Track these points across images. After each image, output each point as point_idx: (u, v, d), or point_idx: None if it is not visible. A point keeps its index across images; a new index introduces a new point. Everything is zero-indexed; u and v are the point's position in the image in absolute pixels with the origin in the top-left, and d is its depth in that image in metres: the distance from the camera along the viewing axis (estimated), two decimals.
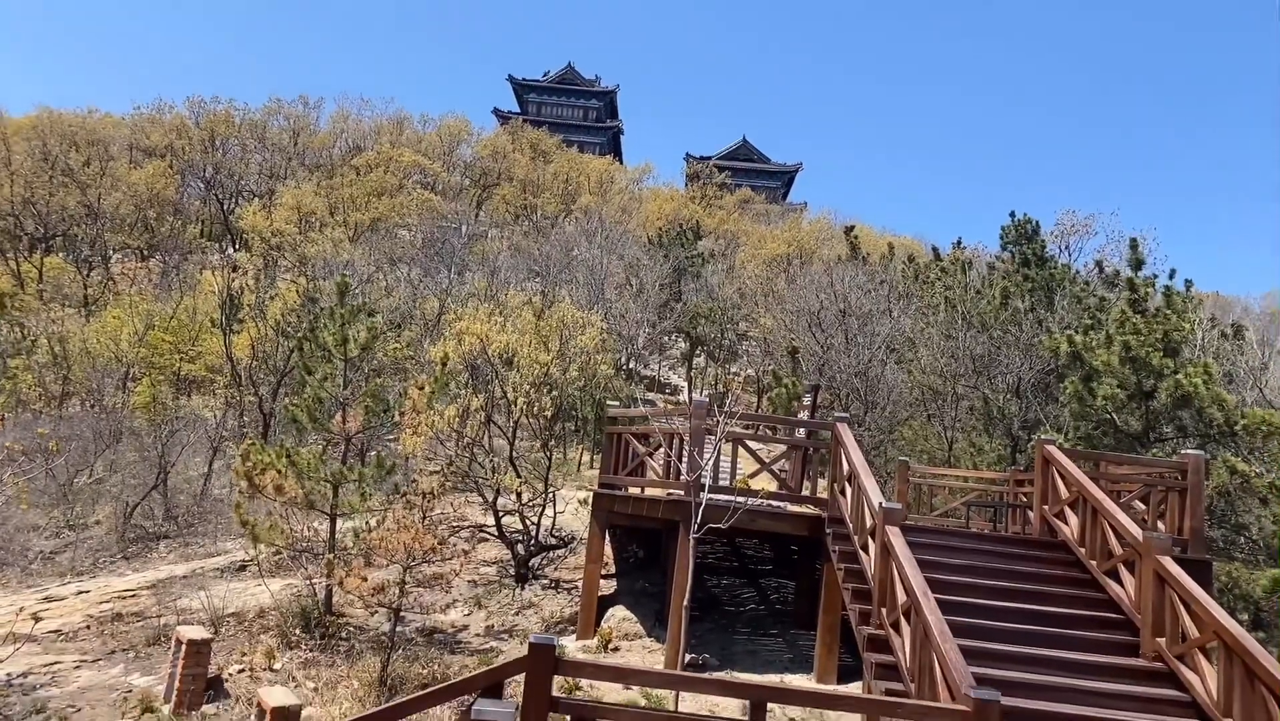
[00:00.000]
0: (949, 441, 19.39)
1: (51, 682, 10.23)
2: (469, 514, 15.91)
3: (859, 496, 9.89)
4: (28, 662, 10.56)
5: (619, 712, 6.47)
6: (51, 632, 11.61)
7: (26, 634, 10.53)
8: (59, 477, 17.76)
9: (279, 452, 11.45)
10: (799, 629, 12.20)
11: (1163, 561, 8.25)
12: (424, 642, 11.52)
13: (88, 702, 9.82)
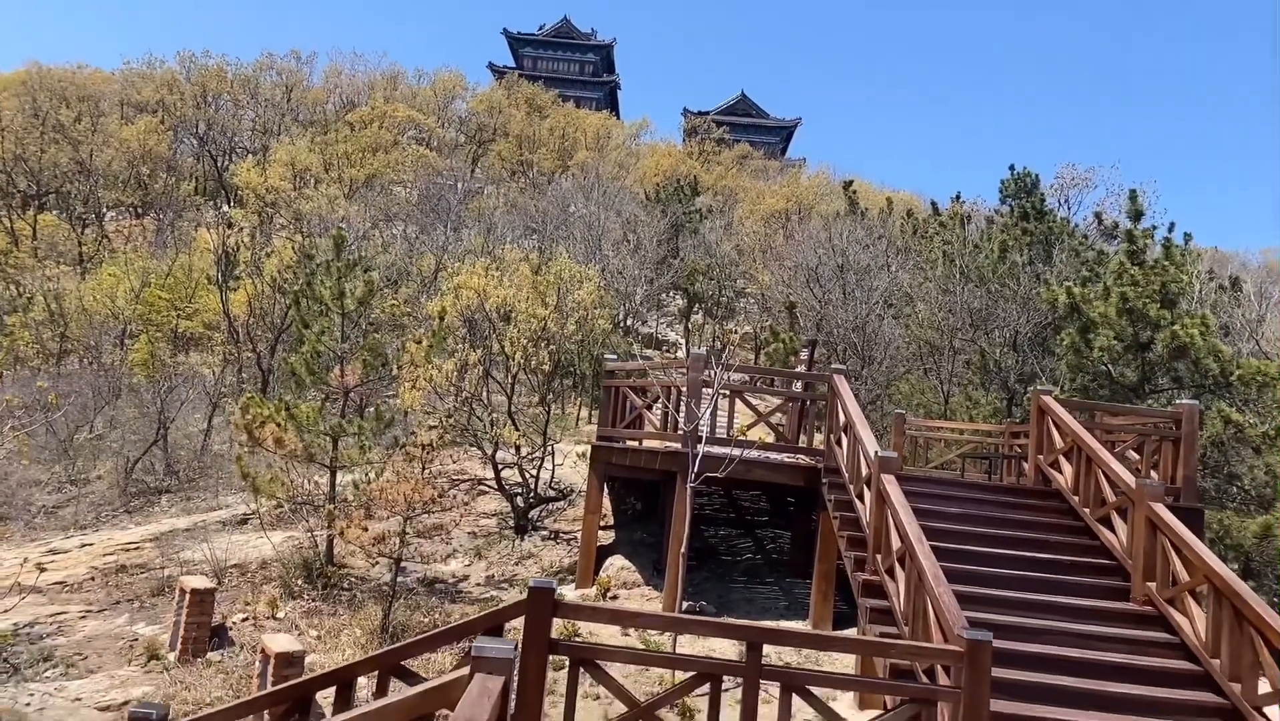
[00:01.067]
0: (945, 395, 19.48)
1: (58, 632, 10.38)
2: (468, 468, 16.01)
3: (855, 446, 9.96)
4: (34, 613, 10.69)
5: (617, 654, 6.59)
6: (56, 584, 11.74)
7: (31, 585, 10.65)
8: (59, 434, 17.82)
9: (278, 406, 11.49)
10: (794, 577, 12.36)
11: (1155, 508, 8.34)
12: (425, 592, 11.67)
13: (94, 651, 9.97)
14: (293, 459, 11.70)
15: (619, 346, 22.11)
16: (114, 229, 35.74)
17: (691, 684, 6.23)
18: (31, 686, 9.03)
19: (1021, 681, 7.10)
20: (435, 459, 11.38)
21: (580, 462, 16.11)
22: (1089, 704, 7.02)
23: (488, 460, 14.62)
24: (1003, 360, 18.20)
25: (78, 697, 8.81)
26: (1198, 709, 7.07)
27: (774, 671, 6.23)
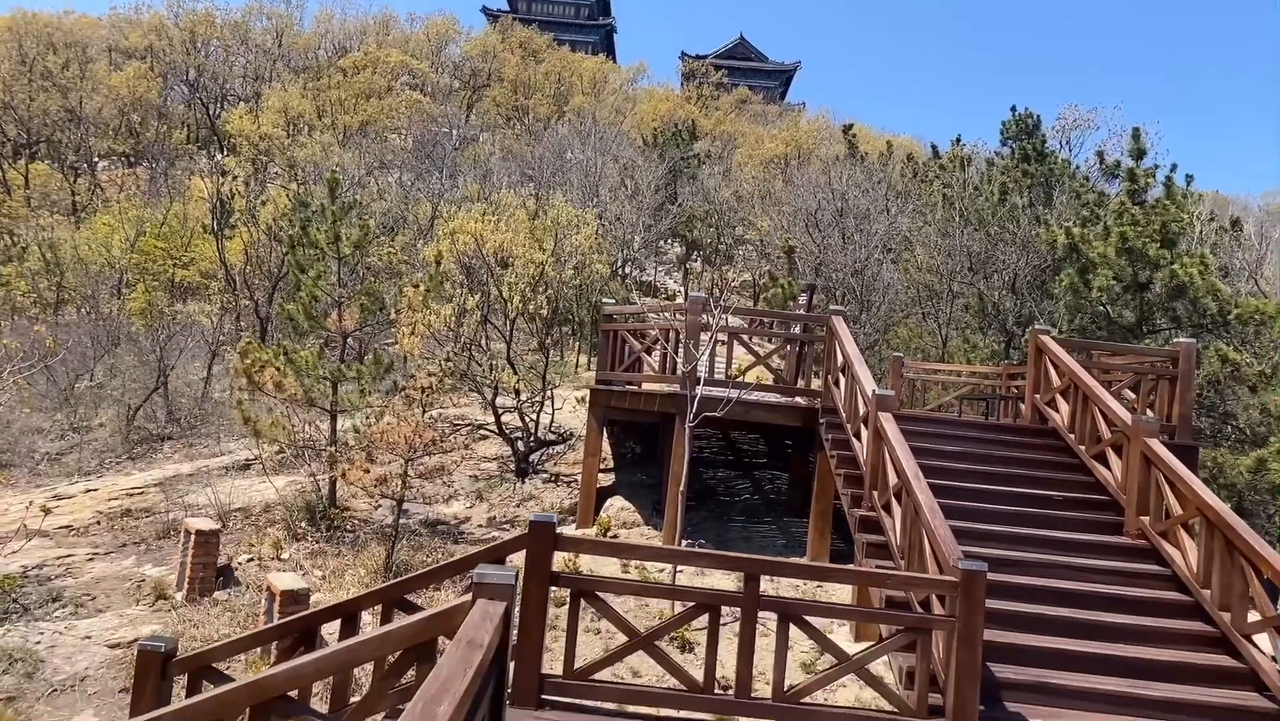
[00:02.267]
0: (943, 339, 19.51)
1: (66, 574, 10.52)
2: (468, 413, 16.09)
3: (852, 386, 10.00)
4: (41, 555, 10.83)
5: (617, 586, 6.70)
6: (62, 528, 11.87)
7: (38, 528, 10.77)
8: (60, 383, 17.86)
9: (277, 351, 11.51)
10: (792, 517, 12.51)
11: (1150, 443, 8.41)
12: (428, 533, 11.82)
13: (102, 591, 10.12)
14: (293, 403, 11.75)
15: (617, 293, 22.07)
16: (107, 178, 35.37)
17: (691, 614, 6.34)
18: (42, 625, 9.19)
19: (1014, 611, 7.24)
20: (435, 402, 11.42)
21: (580, 407, 16.18)
22: (1081, 633, 7.16)
23: (487, 405, 14.69)
24: (1001, 303, 18.19)
25: (87, 636, 8.98)
26: (1188, 636, 7.22)
27: (771, 602, 6.33)
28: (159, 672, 5.89)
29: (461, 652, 3.44)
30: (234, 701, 4.46)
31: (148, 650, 5.86)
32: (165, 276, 23.51)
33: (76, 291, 22.71)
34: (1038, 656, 6.85)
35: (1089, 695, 6.49)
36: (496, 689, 4.18)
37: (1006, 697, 6.45)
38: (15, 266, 22.49)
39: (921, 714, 6.03)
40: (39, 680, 8.29)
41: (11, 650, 8.61)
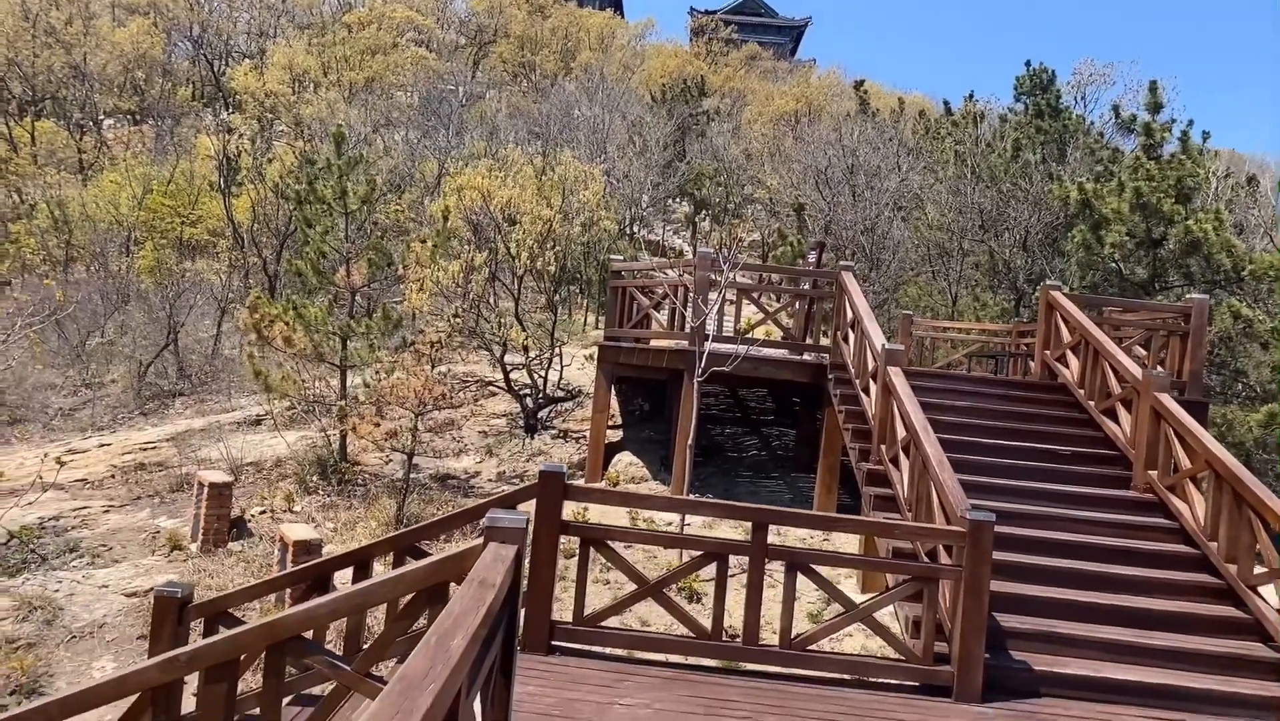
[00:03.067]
0: (953, 297, 19.42)
1: (82, 525, 10.66)
2: (477, 371, 16.15)
3: (861, 341, 9.98)
4: (57, 507, 10.97)
5: (627, 534, 6.76)
6: (77, 481, 12.00)
7: (53, 481, 10.89)
8: (71, 339, 17.96)
9: (286, 306, 11.52)
10: (799, 472, 12.57)
11: (1160, 398, 8.40)
12: (438, 487, 11.91)
13: (118, 542, 10.26)
14: (302, 358, 11.79)
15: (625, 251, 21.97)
16: (113, 136, 35.19)
17: (699, 562, 6.40)
18: (60, 575, 9.33)
19: (1021, 563, 7.28)
20: (444, 359, 11.45)
21: (588, 365, 16.21)
22: (1087, 584, 7.21)
23: (496, 362, 14.73)
24: (1012, 261, 18.07)
25: (105, 584, 9.12)
26: (1193, 588, 7.26)
27: (779, 550, 6.38)
28: (175, 618, 5.98)
29: (474, 591, 3.48)
30: (249, 642, 4.54)
31: (164, 596, 5.95)
32: (173, 234, 23.48)
33: (85, 249, 22.72)
34: (1043, 606, 6.90)
35: (1094, 644, 6.55)
36: (508, 631, 4.23)
37: (1011, 646, 6.51)
38: (24, 224, 22.49)
39: (927, 661, 6.10)
40: (58, 627, 8.44)
41: (31, 598, 8.76)
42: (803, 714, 5.53)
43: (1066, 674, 6.25)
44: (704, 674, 6.20)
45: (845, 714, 5.60)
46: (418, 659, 2.69)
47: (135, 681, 4.32)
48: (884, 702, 5.86)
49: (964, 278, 19.67)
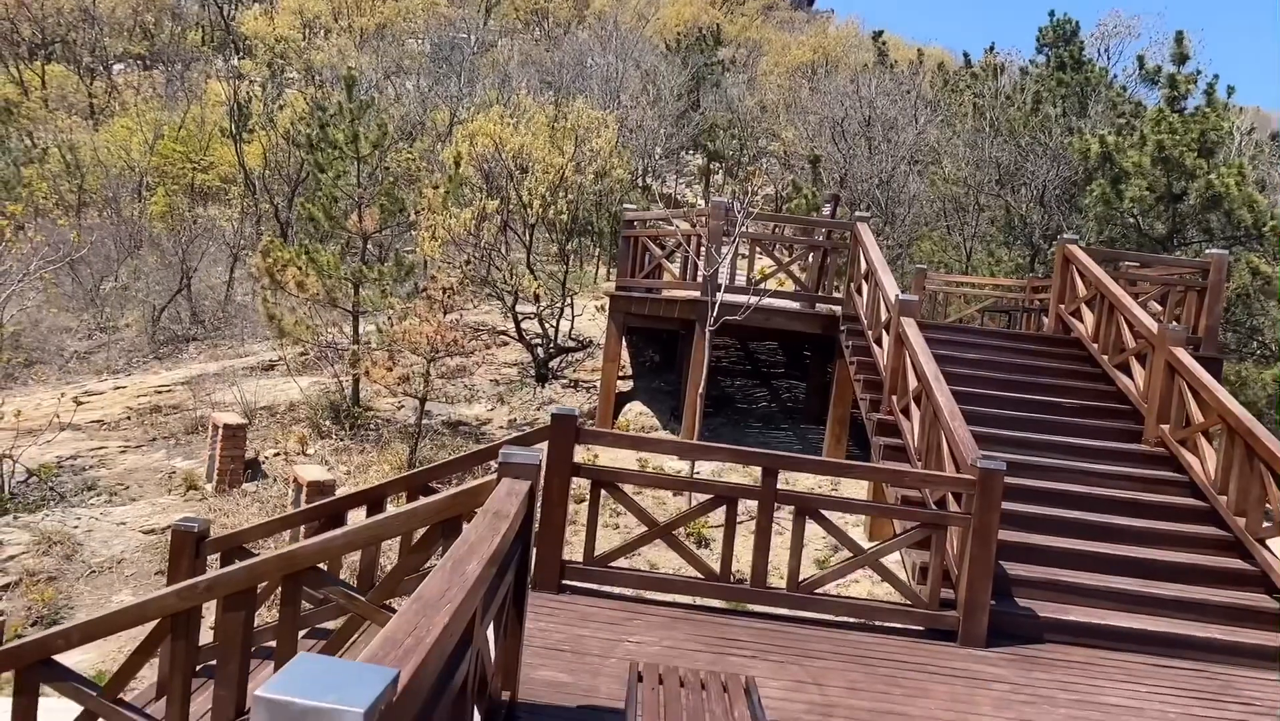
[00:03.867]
0: (967, 253, 19.27)
1: (99, 465, 10.81)
2: (489, 321, 16.17)
3: (875, 292, 9.94)
4: (75, 447, 11.11)
5: (637, 477, 6.81)
6: (94, 422, 12.14)
7: (70, 421, 11.01)
8: (85, 284, 18.03)
9: (299, 250, 11.52)
10: (809, 424, 12.60)
11: (1175, 352, 8.36)
12: (449, 433, 12.01)
13: (134, 481, 10.41)
14: (315, 303, 11.82)
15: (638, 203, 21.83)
16: (123, 81, 34.93)
17: (709, 505, 6.45)
18: (78, 512, 9.49)
19: (1029, 513, 7.31)
20: (456, 306, 11.46)
21: (599, 316, 16.20)
22: (1094, 535, 7.24)
23: (507, 311, 14.74)
24: (1028, 216, 17.86)
25: (122, 522, 9.28)
26: (1201, 540, 7.29)
27: (788, 495, 6.42)
28: (193, 552, 6.09)
29: (489, 521, 3.52)
30: (265, 571, 4.62)
31: (181, 530, 6.05)
32: (185, 180, 23.43)
33: (97, 194, 22.70)
34: (1050, 556, 6.95)
35: (1099, 592, 6.60)
36: (521, 564, 4.29)
37: (1017, 593, 6.57)
38: (36, 168, 22.44)
39: (933, 606, 6.17)
40: (78, 562, 8.61)
41: (50, 533, 8.92)
42: (809, 653, 5.61)
43: (1071, 620, 6.31)
44: (711, 614, 6.28)
45: (851, 654, 5.68)
46: (434, 581, 2.73)
47: (155, 607, 4.41)
48: (889, 645, 5.93)
49: (979, 233, 19.50)
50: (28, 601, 7.94)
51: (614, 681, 4.87)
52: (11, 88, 29.54)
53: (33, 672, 4.33)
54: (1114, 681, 5.67)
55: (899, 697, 5.10)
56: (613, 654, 5.28)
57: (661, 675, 3.75)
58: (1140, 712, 5.25)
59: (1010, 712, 5.06)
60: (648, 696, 3.54)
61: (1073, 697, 5.36)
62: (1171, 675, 5.88)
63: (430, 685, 2.63)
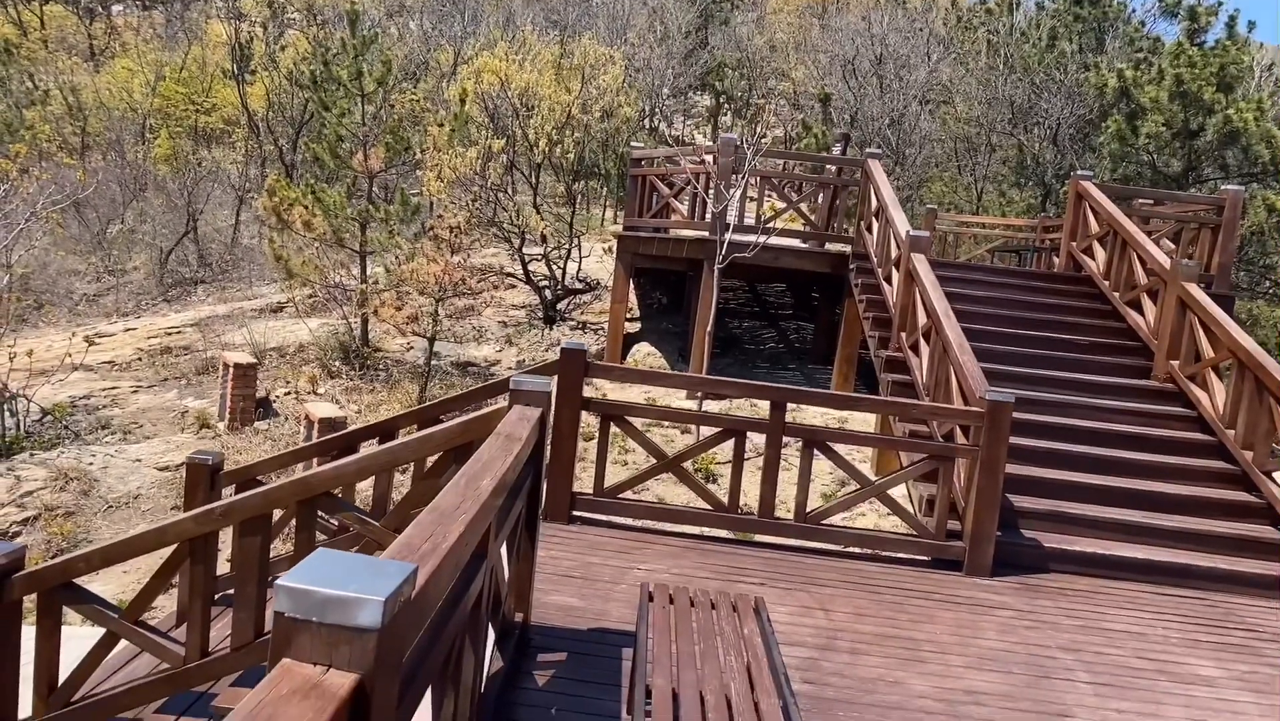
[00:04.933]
0: (978, 193, 19.07)
1: (112, 404, 10.90)
2: (496, 263, 16.11)
3: (886, 229, 9.86)
4: (87, 387, 11.20)
5: (646, 411, 6.84)
6: (105, 363, 12.21)
7: (81, 361, 11.08)
8: (92, 227, 17.99)
9: (305, 189, 11.45)
10: (816, 364, 12.61)
11: (1187, 287, 8.31)
12: (458, 374, 12.05)
13: (148, 420, 10.50)
14: (322, 243, 11.78)
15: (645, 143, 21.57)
16: (123, 22, 34.43)
17: (718, 438, 6.49)
18: (93, 449, 9.60)
19: (1036, 448, 7.35)
20: (463, 246, 11.41)
21: (606, 259, 16.13)
22: (1101, 469, 7.28)
23: (514, 253, 14.67)
24: (1041, 155, 17.63)
25: (137, 459, 9.39)
26: (1207, 473, 7.33)
27: (797, 428, 6.46)
28: (208, 484, 6.16)
29: (501, 442, 3.55)
30: (280, 497, 4.68)
31: (196, 462, 6.12)
32: (188, 123, 23.21)
33: (100, 137, 22.53)
34: (1057, 489, 7.00)
35: (1104, 524, 6.66)
36: (533, 490, 4.33)
37: (1023, 525, 6.63)
38: (39, 110, 22.24)
39: (940, 537, 6.23)
40: (95, 497, 8.73)
41: (67, 470, 9.03)
42: (816, 581, 5.69)
43: (1075, 550, 6.38)
44: (719, 544, 6.37)
45: (857, 582, 5.76)
46: (449, 494, 2.76)
47: (173, 532, 4.49)
48: (896, 574, 6.01)
49: (990, 174, 19.27)
50: (47, 535, 8.08)
51: (624, 606, 4.96)
52: (11, 28, 29.15)
53: (55, 596, 4.42)
54: (1117, 608, 5.75)
55: (904, 623, 5.18)
56: (623, 580, 5.37)
57: (672, 594, 3.82)
58: (1143, 637, 5.33)
59: (1014, 637, 5.15)
60: (658, 614, 3.60)
61: (1076, 623, 5.44)
62: (1174, 603, 5.96)
63: (446, 593, 2.68)
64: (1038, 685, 4.56)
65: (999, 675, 4.62)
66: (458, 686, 2.87)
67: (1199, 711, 4.45)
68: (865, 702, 4.17)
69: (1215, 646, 5.31)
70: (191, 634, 4.54)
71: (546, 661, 4.23)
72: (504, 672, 3.82)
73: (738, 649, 3.35)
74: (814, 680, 4.32)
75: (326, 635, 1.59)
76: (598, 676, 4.13)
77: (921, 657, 4.73)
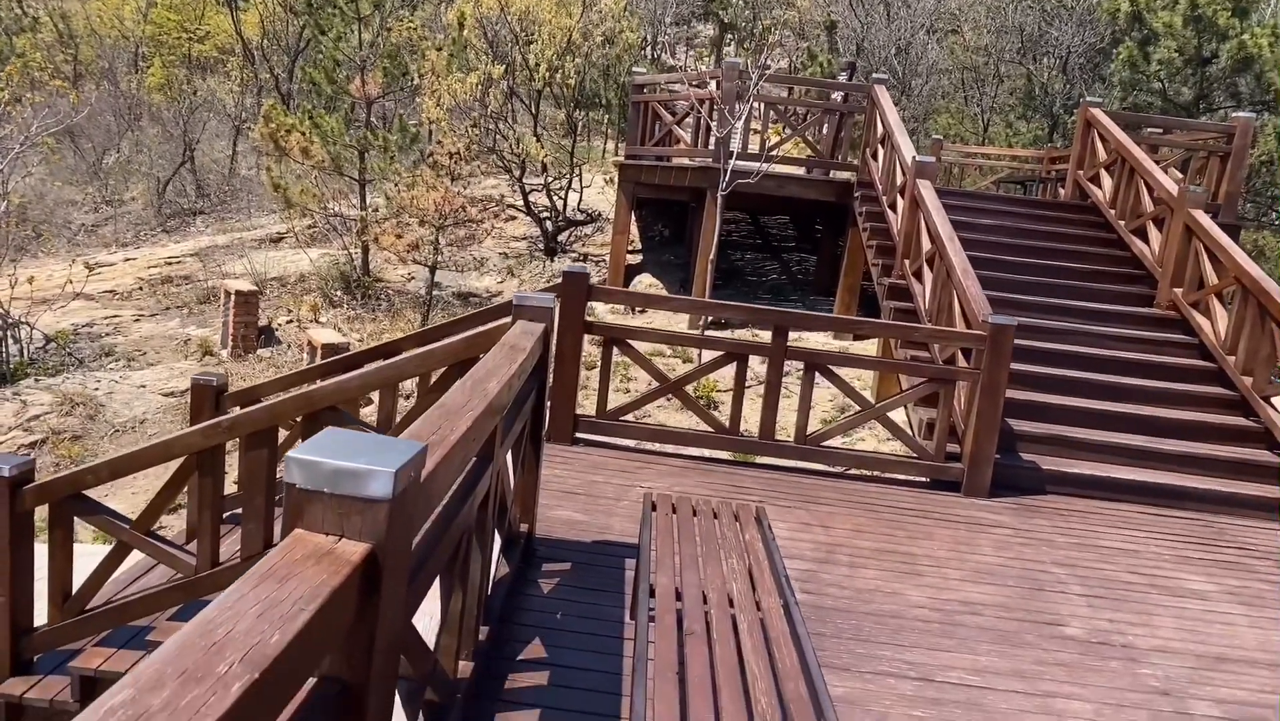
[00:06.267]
0: (985, 124, 18.80)
1: (115, 332, 10.91)
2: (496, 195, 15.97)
3: (891, 156, 9.75)
4: (89, 315, 11.20)
5: (648, 334, 6.85)
6: (106, 292, 12.19)
7: (82, 290, 11.06)
8: (87, 157, 17.79)
9: (302, 116, 11.28)
10: (819, 295, 12.57)
11: (1194, 213, 8.24)
12: (460, 304, 12.04)
13: (151, 348, 10.53)
14: (321, 171, 11.65)
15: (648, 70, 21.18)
16: None
17: (719, 361, 6.51)
18: (98, 375, 9.64)
19: (1037, 373, 7.37)
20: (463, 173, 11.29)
21: (608, 189, 15.98)
22: (1101, 394, 7.31)
23: (515, 183, 14.53)
24: (1050, 85, 17.33)
25: (142, 385, 9.43)
26: (1207, 399, 7.36)
27: (798, 351, 6.47)
28: (213, 405, 6.19)
29: (506, 351, 3.57)
30: (285, 411, 4.72)
31: (201, 383, 6.15)
32: (181, 50, 22.78)
33: (93, 65, 22.14)
34: (1057, 413, 7.04)
35: (1103, 447, 6.71)
36: (536, 406, 4.36)
37: (1022, 448, 6.69)
38: (29, 38, 21.82)
39: (939, 459, 6.29)
40: (101, 422, 8.80)
41: (72, 395, 9.09)
42: (816, 500, 5.77)
43: (1073, 473, 6.45)
44: (720, 465, 6.44)
45: (856, 501, 5.83)
46: (455, 394, 2.78)
47: (180, 445, 4.53)
48: (894, 494, 6.09)
49: (997, 105, 18.96)
50: (55, 458, 8.16)
51: (627, 521, 5.04)
52: None
53: (65, 506, 4.49)
54: (1112, 527, 5.84)
55: (902, 539, 5.27)
56: (625, 497, 5.44)
57: (674, 504, 3.88)
58: (1136, 554, 5.42)
59: (1010, 552, 5.23)
60: (661, 521, 3.66)
61: (1071, 541, 5.52)
62: (1169, 523, 6.05)
63: (454, 487, 2.72)
64: (1032, 597, 4.66)
65: (994, 587, 4.71)
66: (465, 583, 2.94)
67: (1189, 622, 4.55)
68: (863, 611, 4.26)
69: (1207, 563, 5.40)
70: (202, 544, 4.62)
71: (551, 570, 4.32)
72: (510, 578, 3.90)
73: (739, 552, 3.41)
74: (813, 590, 4.40)
75: (337, 506, 1.61)
76: (601, 584, 4.21)
77: (919, 571, 4.82)
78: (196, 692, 1.12)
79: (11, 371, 9.62)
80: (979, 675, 3.78)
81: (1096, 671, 3.93)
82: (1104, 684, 3.82)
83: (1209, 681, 3.95)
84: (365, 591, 1.62)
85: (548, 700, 3.23)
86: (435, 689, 2.75)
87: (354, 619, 1.61)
